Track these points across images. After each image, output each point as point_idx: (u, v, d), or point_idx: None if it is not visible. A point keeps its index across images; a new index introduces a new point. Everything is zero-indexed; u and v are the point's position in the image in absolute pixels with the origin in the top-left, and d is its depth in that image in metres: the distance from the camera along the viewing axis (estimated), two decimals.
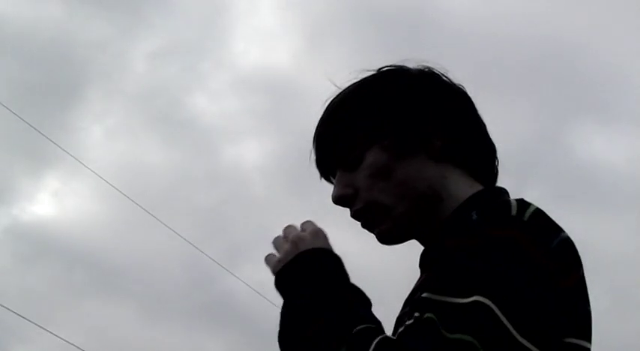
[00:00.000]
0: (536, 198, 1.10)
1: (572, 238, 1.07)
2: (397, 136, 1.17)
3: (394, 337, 0.97)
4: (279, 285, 1.13)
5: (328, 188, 1.26)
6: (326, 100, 1.25)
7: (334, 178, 1.23)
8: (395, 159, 1.17)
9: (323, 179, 1.26)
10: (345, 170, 1.21)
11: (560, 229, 1.06)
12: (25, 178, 15.37)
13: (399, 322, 1.13)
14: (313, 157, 1.25)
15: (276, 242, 1.18)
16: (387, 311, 1.15)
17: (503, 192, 1.20)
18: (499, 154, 1.26)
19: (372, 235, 1.24)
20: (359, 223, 1.23)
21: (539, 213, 1.05)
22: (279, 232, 1.20)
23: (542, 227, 1.04)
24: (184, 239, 10.25)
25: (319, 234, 1.16)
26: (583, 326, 1.07)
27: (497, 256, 0.99)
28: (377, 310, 1.11)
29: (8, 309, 8.92)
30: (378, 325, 1.03)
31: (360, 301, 1.07)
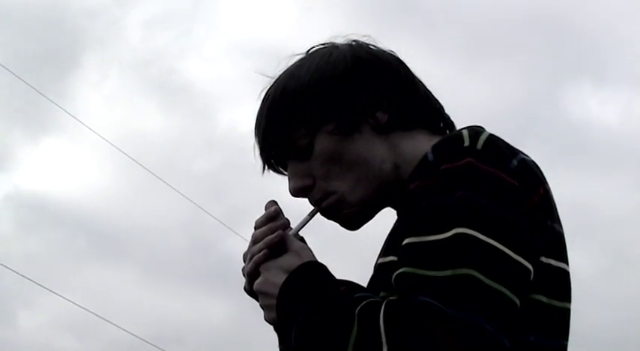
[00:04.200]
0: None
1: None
2: (340, 118, 1.16)
3: (395, 298, 0.97)
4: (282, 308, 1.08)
5: None
6: (261, 91, 1.22)
7: (283, 168, 1.22)
8: (343, 142, 1.16)
9: (270, 170, 1.23)
10: (297, 160, 1.19)
11: (518, 152, 1.07)
12: (25, 144, 15.38)
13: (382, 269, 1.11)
14: (257, 150, 1.22)
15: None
16: None
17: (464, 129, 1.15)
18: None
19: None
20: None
21: (493, 139, 1.05)
22: (269, 205, 1.17)
23: (498, 152, 1.04)
24: (190, 201, 10.21)
25: (300, 250, 1.12)
26: (556, 246, 1.07)
27: (461, 185, 0.99)
28: None
29: (14, 271, 8.98)
30: (379, 297, 1.02)
31: (353, 289, 1.05)
